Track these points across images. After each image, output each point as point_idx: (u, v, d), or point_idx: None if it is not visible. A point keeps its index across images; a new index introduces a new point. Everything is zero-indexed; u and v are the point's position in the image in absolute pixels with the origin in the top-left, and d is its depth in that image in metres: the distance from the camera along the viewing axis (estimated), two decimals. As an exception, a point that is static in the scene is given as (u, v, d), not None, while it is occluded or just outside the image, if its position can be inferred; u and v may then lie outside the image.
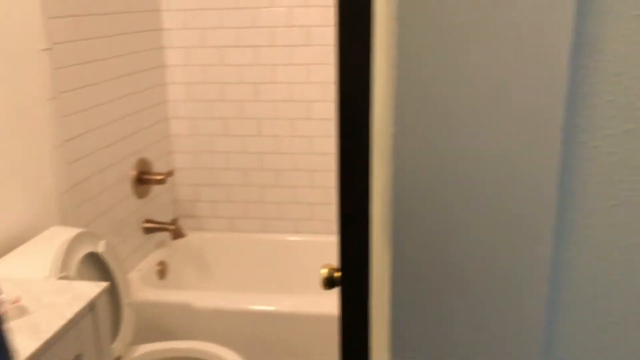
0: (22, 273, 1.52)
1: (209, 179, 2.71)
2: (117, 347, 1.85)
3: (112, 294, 1.88)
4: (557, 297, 0.60)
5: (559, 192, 0.56)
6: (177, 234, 2.52)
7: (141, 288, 2.30)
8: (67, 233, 1.67)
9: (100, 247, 1.78)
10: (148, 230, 2.50)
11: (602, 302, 0.60)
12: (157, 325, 2.25)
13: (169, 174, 2.47)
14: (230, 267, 2.75)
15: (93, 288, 1.37)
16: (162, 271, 2.55)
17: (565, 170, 0.56)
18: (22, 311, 1.26)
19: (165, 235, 2.66)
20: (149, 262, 2.51)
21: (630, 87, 0.53)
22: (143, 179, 2.41)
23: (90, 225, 2.05)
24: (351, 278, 0.70)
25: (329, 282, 0.90)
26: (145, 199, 2.48)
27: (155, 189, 2.56)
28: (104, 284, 1.39)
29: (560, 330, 0.61)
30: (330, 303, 2.14)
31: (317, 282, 2.66)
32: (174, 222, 2.53)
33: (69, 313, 1.26)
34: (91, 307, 1.34)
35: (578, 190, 0.57)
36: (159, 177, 2.43)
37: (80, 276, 1.68)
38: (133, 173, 2.35)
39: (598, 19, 0.52)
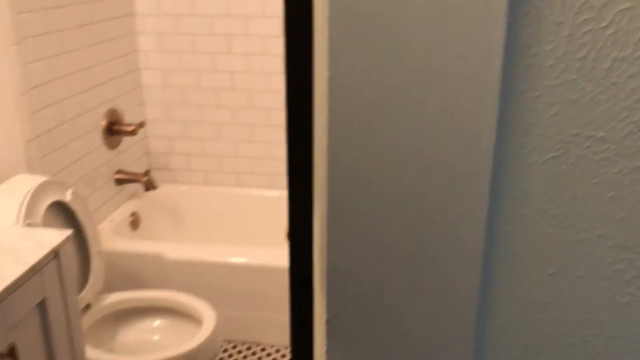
0: (-14, 221, 1.51)
1: (182, 132, 2.68)
2: (87, 295, 1.86)
3: (81, 243, 1.88)
4: (494, 253, 0.61)
5: (497, 143, 0.57)
6: (149, 186, 2.51)
7: (112, 238, 2.31)
8: (33, 181, 1.65)
9: (67, 196, 1.77)
10: (119, 182, 2.49)
11: (539, 255, 0.61)
12: (129, 275, 2.27)
13: (140, 125, 2.45)
14: (203, 220, 2.76)
15: (57, 236, 1.37)
16: (134, 222, 2.55)
17: (504, 122, 0.56)
18: (-17, 258, 1.26)
19: (137, 186, 2.65)
20: (121, 213, 2.50)
21: (571, 36, 0.53)
22: (114, 130, 2.38)
23: (59, 174, 2.03)
24: (297, 233, 0.71)
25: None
26: (117, 150, 2.46)
27: (127, 140, 2.53)
28: (68, 232, 1.38)
29: (498, 288, 0.62)
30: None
31: (290, 236, 2.68)
32: (146, 173, 2.52)
33: (31, 259, 1.26)
34: (55, 254, 1.34)
35: (517, 142, 0.57)
36: (130, 128, 2.40)
37: (47, 224, 1.67)
38: (103, 123, 2.33)
39: (541, -34, 0.52)
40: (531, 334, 0.64)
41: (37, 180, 1.66)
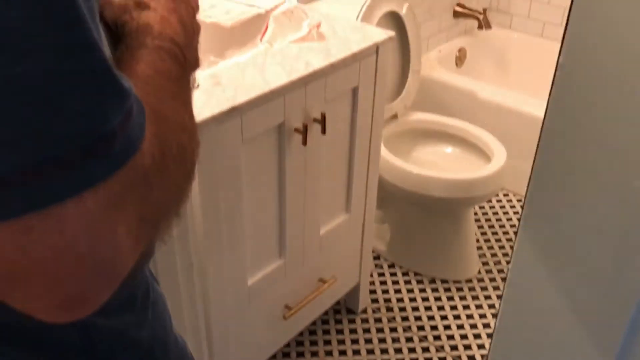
0: (330, 11, 1.72)
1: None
2: (397, 105, 2.03)
3: (403, 59, 2.02)
4: None
5: None
6: (484, 25, 2.50)
7: (436, 66, 2.41)
8: (375, -13, 1.79)
9: (403, 10, 1.89)
10: (456, 14, 2.53)
11: None
12: (440, 102, 2.38)
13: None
14: (528, 71, 2.67)
15: (382, 34, 1.50)
16: (460, 58, 2.61)
17: None
18: (320, 37, 1.46)
19: (472, 24, 2.66)
20: (450, 47, 2.58)
21: None
22: (464, -40, 2.38)
23: (402, -9, 2.15)
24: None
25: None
26: (462, -19, 2.47)
27: (475, -27, 2.52)
28: (391, 33, 1.51)
29: None
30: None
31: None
32: (483, 11, 2.50)
33: (355, 47, 1.42)
34: (376, 49, 1.48)
35: None
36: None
37: (378, 30, 1.83)
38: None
39: None
40: None
41: (379, -13, 1.80)
